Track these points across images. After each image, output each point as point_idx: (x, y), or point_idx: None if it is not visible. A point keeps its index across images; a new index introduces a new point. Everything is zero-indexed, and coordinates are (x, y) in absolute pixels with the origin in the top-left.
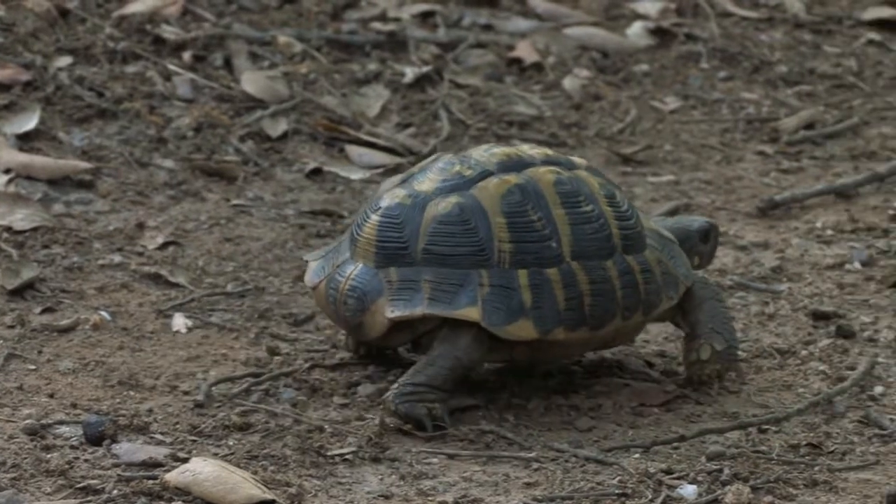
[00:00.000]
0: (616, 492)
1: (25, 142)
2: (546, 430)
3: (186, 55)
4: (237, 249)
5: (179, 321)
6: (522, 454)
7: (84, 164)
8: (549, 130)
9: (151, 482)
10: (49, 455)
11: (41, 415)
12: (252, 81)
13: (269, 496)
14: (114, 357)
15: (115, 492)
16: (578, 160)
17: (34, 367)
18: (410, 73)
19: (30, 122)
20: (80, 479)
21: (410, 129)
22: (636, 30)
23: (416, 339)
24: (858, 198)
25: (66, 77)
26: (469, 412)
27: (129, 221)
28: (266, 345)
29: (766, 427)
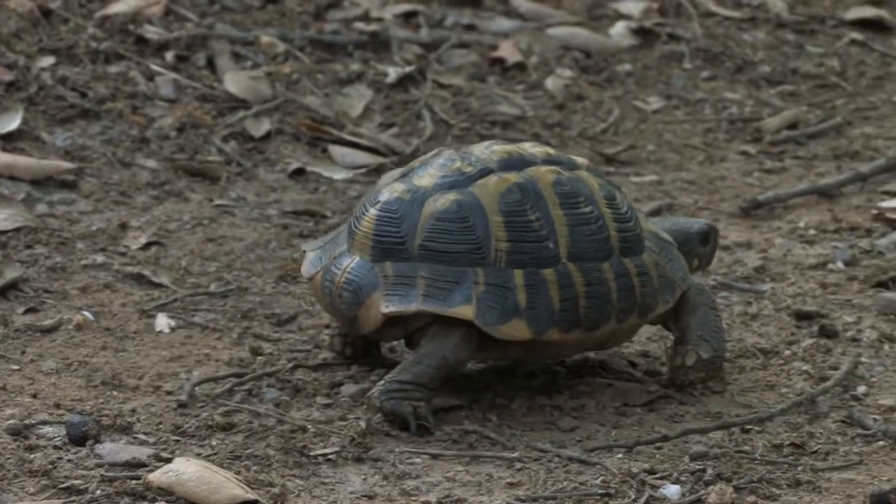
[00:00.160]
0: (599, 492)
1: (8, 142)
2: (529, 430)
3: (169, 55)
4: (220, 249)
5: (162, 321)
6: (506, 454)
7: (67, 165)
8: (532, 130)
9: (134, 482)
10: (32, 455)
11: (24, 415)
12: (235, 81)
13: (253, 496)
14: (97, 357)
15: (99, 492)
16: (580, 160)
17: (17, 368)
18: (393, 73)
19: (12, 123)
20: (64, 480)
21: (393, 129)
22: (619, 30)
23: (409, 335)
24: (841, 197)
25: (49, 77)
26: (452, 412)
27: (112, 221)
28: (249, 345)
29: (750, 427)
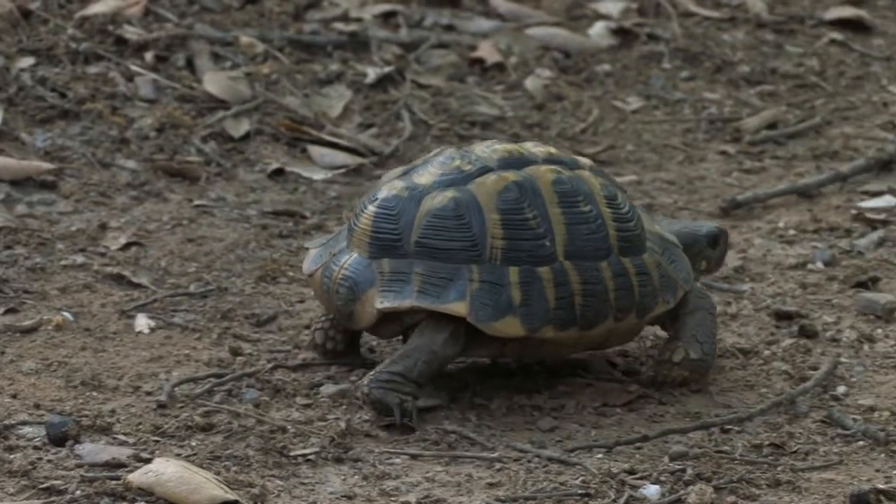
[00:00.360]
0: (579, 492)
1: None
2: (509, 431)
3: (148, 56)
4: (200, 250)
5: (142, 322)
6: (485, 454)
7: (46, 165)
8: (512, 130)
9: (114, 483)
10: (12, 456)
11: (4, 415)
12: (214, 82)
13: (232, 496)
14: (76, 358)
15: (79, 492)
16: (583, 160)
17: None
18: (372, 74)
19: None
20: (44, 480)
21: (372, 130)
22: (598, 30)
23: (405, 332)
24: (821, 197)
25: (29, 78)
26: (432, 412)
27: (92, 222)
28: (229, 345)
29: (729, 427)
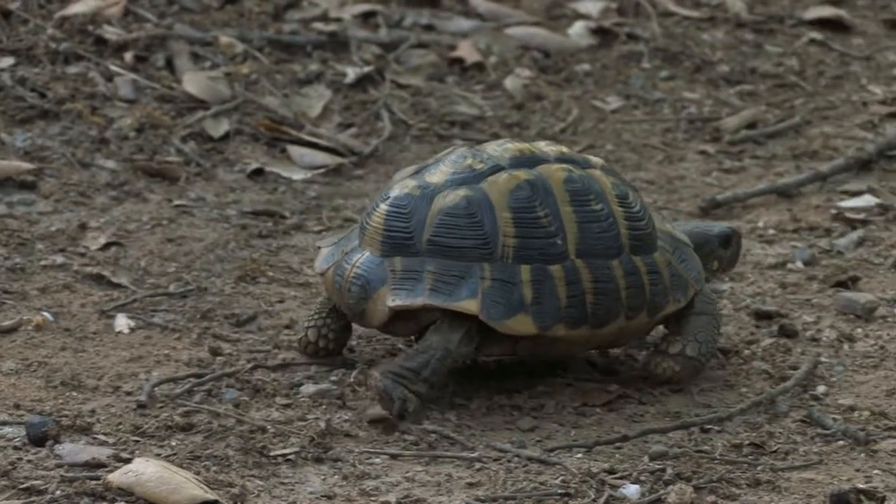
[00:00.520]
0: (559, 492)
1: None
2: (489, 430)
3: (128, 56)
4: (179, 250)
5: (122, 322)
6: (465, 454)
7: (26, 165)
8: (491, 130)
9: (94, 483)
10: None
11: None
12: (194, 82)
13: (212, 496)
14: (56, 358)
15: (59, 492)
16: (595, 159)
17: None
18: (352, 74)
19: None
20: (24, 480)
21: (352, 130)
22: (578, 29)
23: (422, 330)
24: (800, 197)
25: (9, 78)
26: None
27: (72, 222)
28: (208, 345)
29: (709, 427)
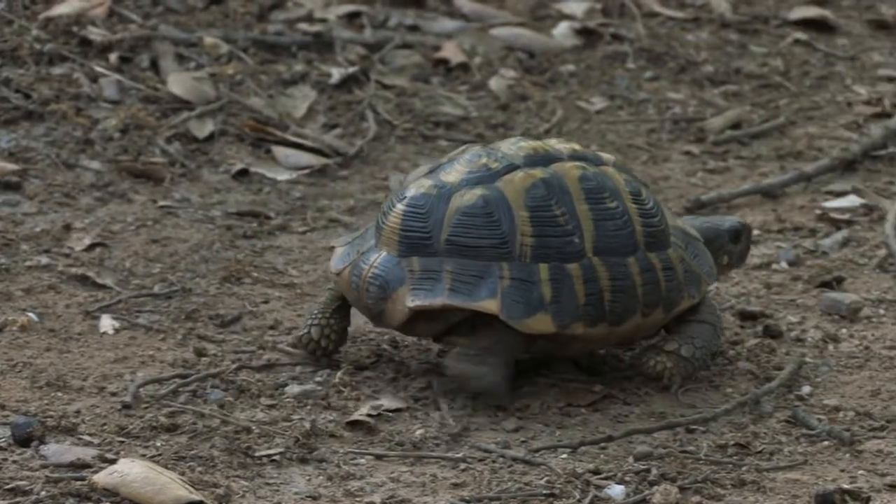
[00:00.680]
0: (544, 492)
1: None
2: (473, 431)
3: (113, 57)
4: (164, 251)
5: (107, 322)
6: (450, 455)
7: (11, 166)
8: (476, 131)
9: (79, 483)
10: None
11: None
12: (178, 83)
13: (197, 497)
14: (41, 358)
15: (44, 493)
16: (606, 156)
17: None
18: (337, 74)
19: None
20: (9, 481)
21: (337, 130)
22: (562, 30)
23: (443, 332)
24: (785, 197)
25: None
26: (397, 413)
27: (56, 223)
28: (193, 346)
29: (694, 427)
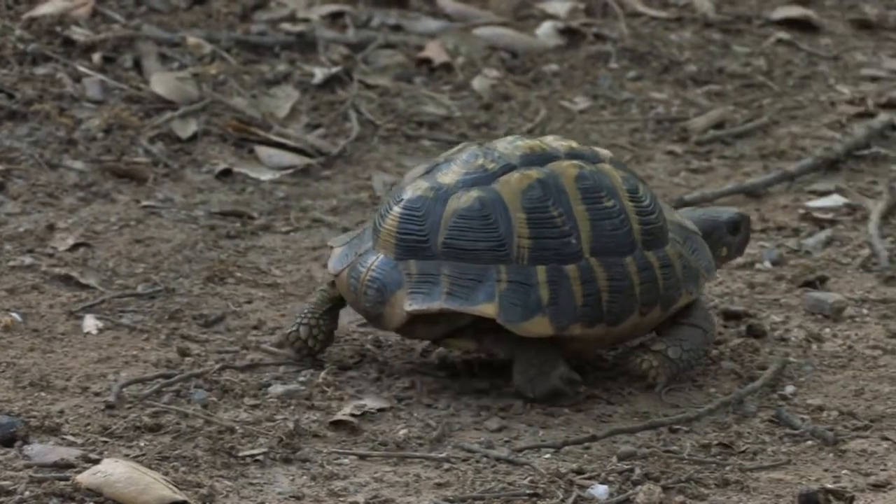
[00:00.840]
0: (527, 492)
1: None
2: (457, 431)
3: (96, 57)
4: (147, 251)
5: (90, 322)
6: (433, 455)
7: None
8: (459, 131)
9: (63, 483)
10: None
11: None
12: (162, 83)
13: (181, 497)
14: (25, 358)
15: (27, 493)
16: (603, 152)
17: None
18: (320, 74)
19: None
20: None
21: (320, 130)
22: (545, 30)
23: (445, 335)
24: (768, 197)
25: None
26: (380, 413)
27: (40, 223)
28: (177, 346)
29: (677, 427)
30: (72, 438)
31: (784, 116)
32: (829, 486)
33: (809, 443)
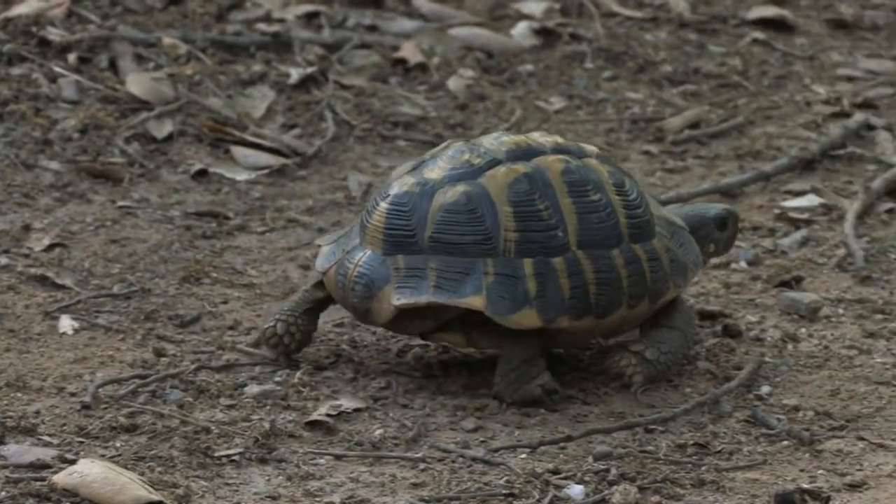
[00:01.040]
0: (503, 492)
1: None
2: (433, 431)
3: (72, 57)
4: (123, 251)
5: (66, 323)
6: (409, 455)
7: None
8: (434, 131)
9: (39, 484)
10: None
11: None
12: (137, 83)
13: (157, 497)
14: (1, 359)
15: (3, 493)
16: (590, 148)
17: None
18: (295, 74)
19: None
20: None
21: (296, 130)
22: (521, 30)
23: (434, 330)
24: (744, 197)
25: None
26: (356, 413)
27: (16, 223)
28: (152, 346)
29: (653, 427)
30: (48, 439)
31: (759, 116)
32: (805, 486)
33: (785, 443)
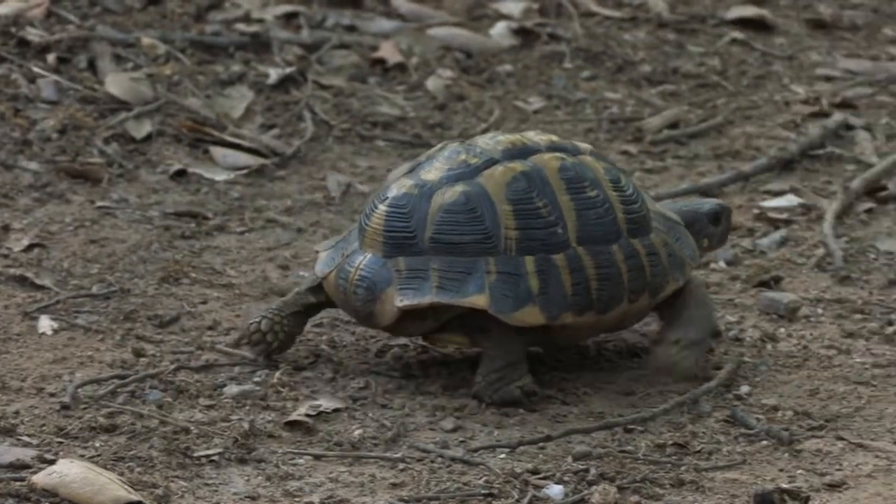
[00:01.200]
0: (482, 492)
1: None
2: (412, 431)
3: (51, 57)
4: (102, 251)
5: (45, 323)
6: (389, 455)
7: None
8: (413, 131)
9: (19, 484)
10: None
11: None
12: (116, 83)
13: (136, 497)
14: None
15: None
16: (584, 145)
17: None
18: (274, 74)
19: None
20: None
21: (274, 130)
22: (499, 30)
23: (435, 330)
24: (723, 197)
25: None
26: (335, 413)
27: None
28: (132, 346)
29: (632, 427)
30: (27, 439)
31: (738, 116)
32: (785, 486)
33: (764, 443)
